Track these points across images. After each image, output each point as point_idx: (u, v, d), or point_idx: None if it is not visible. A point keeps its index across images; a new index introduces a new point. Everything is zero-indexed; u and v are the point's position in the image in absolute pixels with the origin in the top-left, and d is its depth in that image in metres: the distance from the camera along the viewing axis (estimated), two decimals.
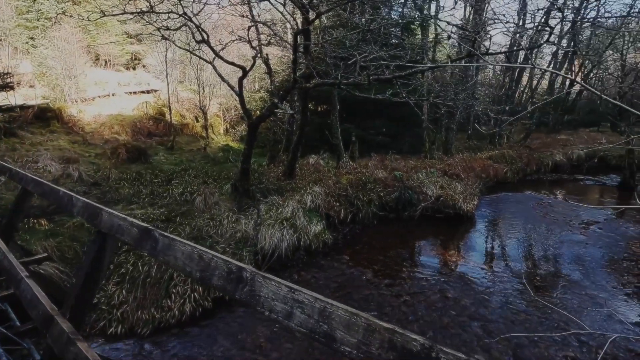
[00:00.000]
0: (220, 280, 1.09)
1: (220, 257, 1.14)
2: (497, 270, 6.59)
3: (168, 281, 4.89)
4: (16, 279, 2.05)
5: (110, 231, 1.62)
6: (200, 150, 14.81)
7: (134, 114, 16.64)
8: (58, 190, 2.17)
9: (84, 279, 1.66)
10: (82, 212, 1.85)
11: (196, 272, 1.18)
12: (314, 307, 0.87)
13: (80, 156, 10.66)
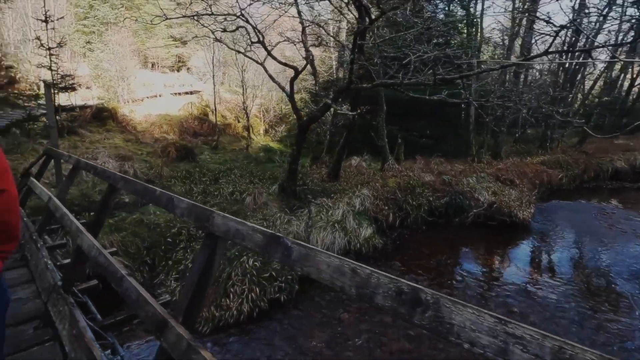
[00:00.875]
0: (387, 301, 0.97)
1: (381, 274, 1.02)
2: (564, 285, 6.10)
3: (226, 280, 4.92)
4: (116, 277, 2.06)
5: (226, 235, 1.56)
6: (243, 150, 15.08)
7: (180, 114, 17.27)
8: (154, 190, 2.17)
9: (196, 282, 1.61)
10: (188, 213, 1.81)
11: (350, 287, 1.07)
12: (542, 345, 0.72)
13: (133, 154, 11.16)
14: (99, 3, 25.31)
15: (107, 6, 25.44)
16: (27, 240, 3.76)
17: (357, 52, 5.81)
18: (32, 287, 3.30)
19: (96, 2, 25.25)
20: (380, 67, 6.89)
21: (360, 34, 5.71)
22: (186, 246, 5.76)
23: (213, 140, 14.99)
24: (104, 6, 25.37)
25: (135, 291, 1.86)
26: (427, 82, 5.19)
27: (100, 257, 2.30)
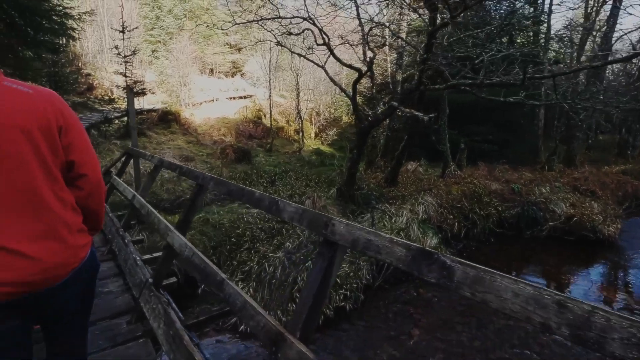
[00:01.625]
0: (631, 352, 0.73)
1: (609, 312, 0.79)
2: None
3: (291, 284, 4.84)
4: (215, 280, 2.00)
5: (353, 246, 1.40)
6: (295, 153, 15.23)
7: (236, 118, 17.90)
8: (252, 192, 2.09)
9: (313, 295, 1.47)
10: (299, 218, 1.69)
11: (559, 326, 0.84)
12: None
13: (195, 155, 11.68)
14: (165, 14, 27.19)
15: (171, 17, 27.27)
16: (113, 235, 3.95)
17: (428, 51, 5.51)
18: (120, 281, 3.43)
19: (162, 14, 27.15)
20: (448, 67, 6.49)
21: (433, 33, 5.41)
22: (250, 247, 5.79)
23: (267, 143, 15.31)
24: (169, 17, 27.21)
25: (240, 298, 1.77)
26: (515, 82, 4.75)
27: (195, 258, 2.27)
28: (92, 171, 1.25)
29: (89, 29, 23.01)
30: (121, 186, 4.76)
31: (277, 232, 6.15)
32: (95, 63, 23.33)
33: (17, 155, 1.05)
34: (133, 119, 5.32)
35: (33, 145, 1.08)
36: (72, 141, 1.18)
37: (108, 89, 18.28)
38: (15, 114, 1.06)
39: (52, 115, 1.13)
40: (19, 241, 1.04)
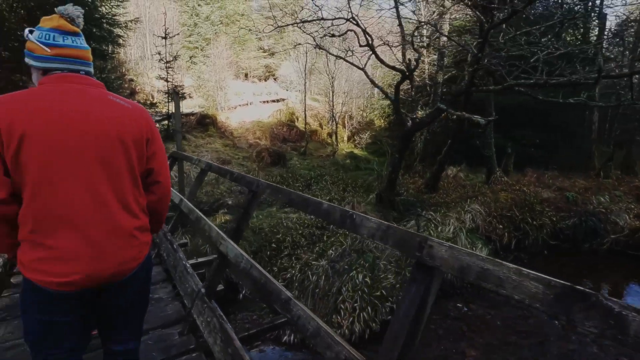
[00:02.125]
0: None
1: None
2: None
3: (336, 295, 4.64)
4: (279, 298, 1.84)
5: (463, 275, 1.18)
6: (329, 157, 15.08)
7: (270, 121, 18.03)
8: (319, 202, 1.91)
9: (407, 327, 1.26)
10: (382, 236, 1.49)
11: None
12: None
13: (231, 158, 11.81)
14: (202, 21, 28.04)
15: (208, 23, 28.06)
16: (161, 239, 3.92)
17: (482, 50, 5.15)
18: (169, 287, 3.38)
19: (200, 20, 28.02)
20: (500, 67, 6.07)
21: (489, 30, 5.05)
22: (290, 253, 5.66)
23: (301, 146, 15.28)
24: (206, 23, 28.02)
25: (313, 323, 1.59)
26: (588, 80, 4.32)
27: (254, 271, 2.12)
28: (165, 179, 1.38)
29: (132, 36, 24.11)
30: None
31: (318, 239, 5.99)
32: (137, 69, 24.37)
33: (115, 162, 1.19)
34: (178, 123, 5.36)
35: (127, 154, 1.21)
36: (155, 151, 1.32)
37: (149, 93, 18.99)
38: (117, 125, 1.19)
39: (144, 128, 1.26)
40: (104, 236, 1.16)
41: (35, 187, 1.08)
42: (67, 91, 1.15)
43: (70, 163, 1.11)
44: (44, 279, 1.10)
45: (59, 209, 1.10)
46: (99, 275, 1.16)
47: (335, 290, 4.69)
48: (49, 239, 1.10)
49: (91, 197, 1.14)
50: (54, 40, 1.17)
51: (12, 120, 1.05)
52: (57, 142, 1.09)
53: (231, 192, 9.09)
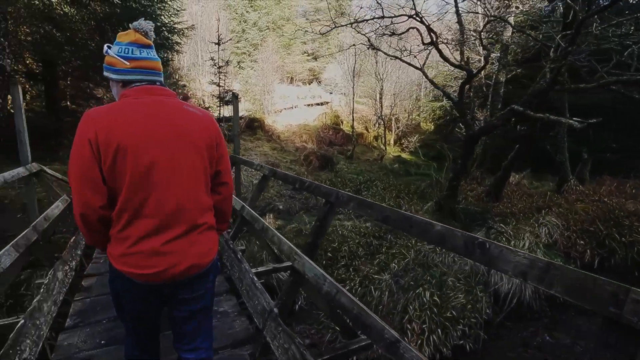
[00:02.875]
0: None
1: None
2: None
3: (402, 313, 4.27)
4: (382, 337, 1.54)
5: None
6: (377, 161, 14.63)
7: (315, 124, 17.93)
8: (429, 224, 1.59)
9: None
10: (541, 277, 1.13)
11: None
12: None
13: (279, 161, 11.78)
14: (250, 27, 28.79)
15: (255, 29, 28.76)
16: (222, 247, 3.80)
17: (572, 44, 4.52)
18: (233, 299, 3.22)
19: (247, 27, 28.79)
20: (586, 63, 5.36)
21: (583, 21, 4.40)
22: (348, 264, 5.36)
23: (347, 149, 14.97)
24: (253, 29, 28.73)
25: None
26: None
27: (342, 298, 1.85)
28: (230, 180, 1.48)
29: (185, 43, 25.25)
30: None
31: (376, 249, 5.64)
32: (189, 75, 25.50)
33: (194, 166, 1.28)
34: (236, 127, 5.30)
35: (202, 158, 1.31)
36: (222, 154, 1.40)
37: (200, 98, 19.72)
38: (194, 133, 1.28)
39: (213, 133, 1.35)
40: (183, 234, 1.26)
41: (128, 192, 1.20)
42: (151, 104, 1.25)
43: (158, 171, 1.22)
44: (130, 270, 1.24)
45: (146, 211, 1.22)
46: (176, 270, 1.26)
47: (401, 309, 4.31)
48: (136, 236, 1.23)
49: (174, 200, 1.25)
50: (132, 54, 1.27)
51: (106, 134, 1.15)
52: (146, 152, 1.19)
53: (281, 196, 8.99)
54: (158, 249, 1.23)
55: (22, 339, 1.97)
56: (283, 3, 30.56)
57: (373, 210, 1.98)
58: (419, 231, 1.65)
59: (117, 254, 1.26)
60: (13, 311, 4.11)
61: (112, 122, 1.17)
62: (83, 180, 1.19)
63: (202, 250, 1.33)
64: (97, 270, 3.71)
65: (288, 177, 3.20)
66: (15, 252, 2.60)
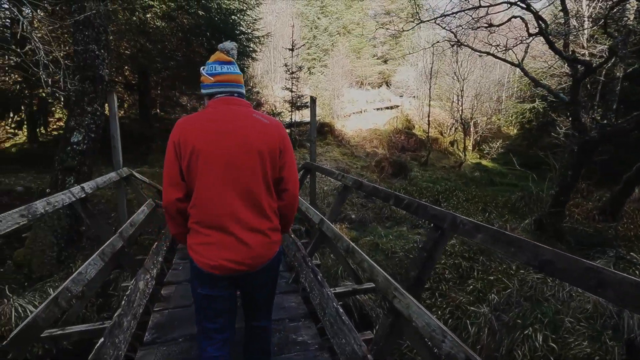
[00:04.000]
0: None
1: None
2: None
3: (506, 358, 3.53)
4: None
5: None
6: (454, 168, 13.46)
7: (386, 129, 17.23)
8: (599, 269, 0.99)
9: None
10: None
11: None
12: None
13: (350, 167, 11.40)
14: (321, 33, 29.12)
15: (326, 35, 29.00)
16: (300, 264, 3.49)
17: None
18: (312, 327, 2.85)
19: (318, 32, 29.16)
20: None
21: None
22: (433, 288, 4.72)
23: (421, 155, 14.03)
24: (324, 35, 29.00)
25: None
26: None
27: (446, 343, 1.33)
28: (293, 187, 1.56)
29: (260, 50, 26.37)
30: (303, 205, 4.40)
31: (467, 273, 4.90)
32: (262, 82, 26.57)
33: (254, 169, 1.41)
34: (313, 132, 5.02)
35: (262, 163, 1.42)
36: (286, 161, 1.50)
37: (272, 104, 20.30)
38: (257, 139, 1.41)
39: (278, 141, 1.46)
40: (245, 232, 1.41)
41: (199, 189, 1.37)
42: (224, 112, 1.42)
43: (223, 171, 1.36)
44: (200, 259, 1.41)
45: (213, 207, 1.38)
46: (238, 264, 1.40)
47: (505, 352, 3.57)
48: (206, 229, 1.40)
49: (238, 199, 1.39)
50: (215, 70, 1.47)
51: (185, 138, 1.35)
52: (214, 154, 1.35)
53: (353, 204, 8.58)
54: (224, 242, 1.38)
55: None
56: (354, 7, 30.38)
57: (519, 249, 1.43)
58: (619, 295, 1.08)
59: (190, 244, 1.45)
60: (102, 310, 4.29)
61: (191, 128, 1.37)
62: (167, 176, 1.41)
63: (265, 247, 1.46)
64: (176, 278, 3.65)
65: (379, 191, 2.75)
66: (101, 261, 2.57)
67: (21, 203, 6.74)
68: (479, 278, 4.57)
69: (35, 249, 4.13)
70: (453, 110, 16.45)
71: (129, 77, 11.64)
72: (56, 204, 2.43)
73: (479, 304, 4.02)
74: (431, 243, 2.00)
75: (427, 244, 2.03)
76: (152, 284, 3.14)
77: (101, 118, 4.61)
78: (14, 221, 1.94)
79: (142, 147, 10.27)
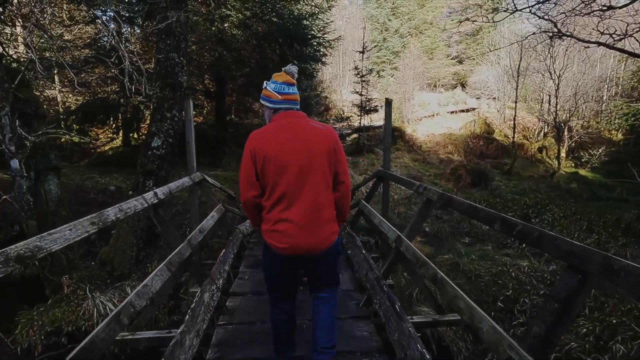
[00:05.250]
0: None
1: None
2: None
3: None
4: None
5: None
6: (544, 178, 11.81)
7: (462, 133, 15.90)
8: None
9: None
10: None
11: None
12: None
13: (422, 175, 10.63)
14: (391, 35, 28.32)
15: (397, 36, 28.10)
16: (372, 285, 3.09)
17: None
18: None
19: (389, 35, 28.39)
20: None
21: None
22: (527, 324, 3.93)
23: (504, 163, 12.59)
24: (394, 37, 28.14)
25: None
26: None
27: None
28: (346, 180, 1.84)
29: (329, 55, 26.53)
30: (376, 218, 3.99)
31: None
32: (330, 87, 26.67)
33: (316, 170, 1.71)
34: (388, 137, 4.56)
35: (321, 162, 1.72)
36: (339, 159, 1.80)
37: (340, 108, 20.16)
38: (315, 143, 1.71)
39: (332, 142, 1.75)
40: (307, 220, 1.70)
41: (270, 187, 1.71)
42: (287, 124, 1.75)
43: (290, 173, 1.68)
44: (272, 242, 1.75)
45: (282, 201, 1.71)
46: (301, 248, 1.72)
47: None
48: (275, 218, 1.73)
49: (302, 194, 1.69)
50: (283, 90, 1.80)
51: (260, 147, 1.70)
52: (282, 159, 1.68)
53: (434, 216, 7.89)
54: (290, 229, 1.68)
55: None
56: (427, 6, 28.98)
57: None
58: None
59: (264, 230, 1.77)
60: (173, 312, 4.36)
61: (264, 139, 1.70)
62: (245, 178, 1.73)
63: (323, 235, 1.74)
64: (241, 289, 3.51)
65: (478, 211, 2.23)
66: (167, 272, 2.49)
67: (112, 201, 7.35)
68: (594, 318, 3.69)
69: (117, 248, 4.34)
70: (542, 113, 14.54)
71: (208, 85, 12.38)
72: (128, 211, 2.38)
73: (598, 354, 3.20)
74: (566, 291, 1.46)
75: (560, 292, 1.49)
76: (218, 295, 3.01)
77: (179, 124, 4.73)
78: (84, 229, 1.87)
79: (217, 151, 10.77)
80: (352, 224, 5.14)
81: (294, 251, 1.71)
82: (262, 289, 3.48)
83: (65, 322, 3.70)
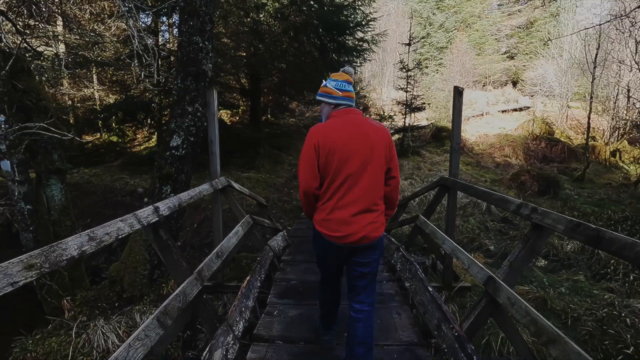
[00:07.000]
0: None
1: None
2: None
3: None
4: None
5: None
6: (624, 186, 10.04)
7: (519, 134, 14.22)
8: None
9: None
10: None
11: None
12: None
13: (476, 180, 9.35)
14: (435, 29, 26.68)
15: (441, 31, 26.42)
16: (452, 349, 2.15)
17: None
18: None
19: (433, 29, 26.78)
20: None
21: None
22: None
23: (572, 168, 10.91)
24: (439, 32, 26.48)
25: None
26: None
27: None
28: (397, 175, 1.93)
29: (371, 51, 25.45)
30: (446, 243, 3.01)
31: None
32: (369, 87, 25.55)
33: (374, 164, 1.79)
34: (457, 137, 3.54)
35: (379, 157, 1.80)
36: (392, 155, 1.88)
37: (380, 107, 19.06)
38: (375, 139, 1.80)
39: (387, 139, 1.84)
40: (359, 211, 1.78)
41: (331, 179, 1.79)
42: (348, 120, 1.83)
43: (351, 166, 1.76)
44: (325, 232, 1.84)
45: (340, 193, 1.79)
46: (351, 238, 1.79)
47: None
48: (331, 208, 1.81)
49: (359, 187, 1.77)
50: (344, 87, 1.90)
51: (324, 141, 1.77)
52: (344, 154, 1.76)
53: (486, 229, 6.72)
54: (344, 219, 1.78)
55: None
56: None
57: None
58: None
59: (319, 219, 1.88)
60: (188, 346, 3.65)
61: (327, 133, 1.79)
62: (308, 170, 1.81)
63: (374, 227, 1.82)
64: (268, 331, 2.67)
65: (587, 234, 1.24)
66: (158, 328, 1.71)
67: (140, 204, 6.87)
68: None
69: (128, 265, 3.71)
70: (617, 110, 12.60)
71: (244, 82, 11.87)
72: (104, 239, 1.62)
73: None
74: None
75: None
76: (235, 350, 2.20)
77: (202, 119, 4.03)
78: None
79: (250, 151, 10.18)
80: (407, 244, 4.18)
81: (345, 240, 1.80)
82: (296, 332, 2.66)
83: (61, 356, 3.09)
